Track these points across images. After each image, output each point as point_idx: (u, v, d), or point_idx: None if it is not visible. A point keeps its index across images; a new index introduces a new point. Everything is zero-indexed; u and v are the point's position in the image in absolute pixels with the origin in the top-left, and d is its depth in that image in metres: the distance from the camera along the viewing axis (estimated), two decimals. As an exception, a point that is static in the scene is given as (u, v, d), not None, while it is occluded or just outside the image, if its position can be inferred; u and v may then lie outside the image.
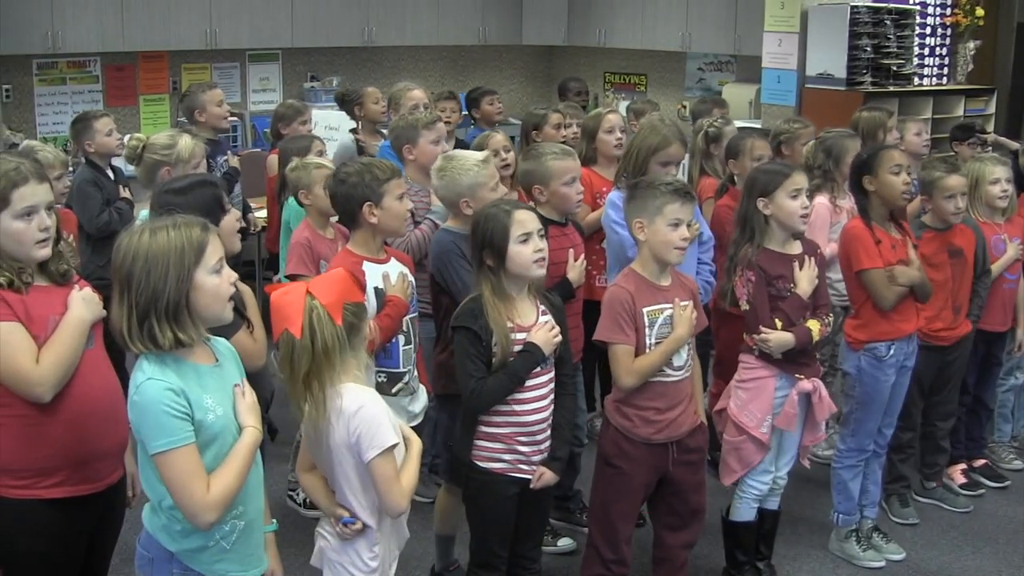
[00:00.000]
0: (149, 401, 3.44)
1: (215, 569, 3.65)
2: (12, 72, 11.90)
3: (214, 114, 8.46)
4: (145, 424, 3.46)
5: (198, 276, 3.52)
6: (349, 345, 3.84)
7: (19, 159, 4.13)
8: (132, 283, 3.47)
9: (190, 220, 3.62)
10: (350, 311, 3.84)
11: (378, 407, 3.83)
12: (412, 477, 3.93)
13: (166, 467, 3.46)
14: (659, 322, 4.98)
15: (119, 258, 3.53)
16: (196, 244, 3.53)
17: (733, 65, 13.89)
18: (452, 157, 5.72)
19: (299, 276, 5.70)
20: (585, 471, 6.22)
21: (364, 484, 3.89)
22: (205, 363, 3.65)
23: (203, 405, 3.51)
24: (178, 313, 3.49)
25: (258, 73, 13.91)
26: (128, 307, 3.49)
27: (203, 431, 3.50)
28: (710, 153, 7.39)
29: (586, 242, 6.28)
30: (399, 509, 3.91)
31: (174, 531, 3.61)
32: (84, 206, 7.28)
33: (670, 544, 5.33)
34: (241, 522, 3.67)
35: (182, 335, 3.50)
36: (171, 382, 3.46)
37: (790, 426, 5.47)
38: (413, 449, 4.00)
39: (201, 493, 3.46)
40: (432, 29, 14.39)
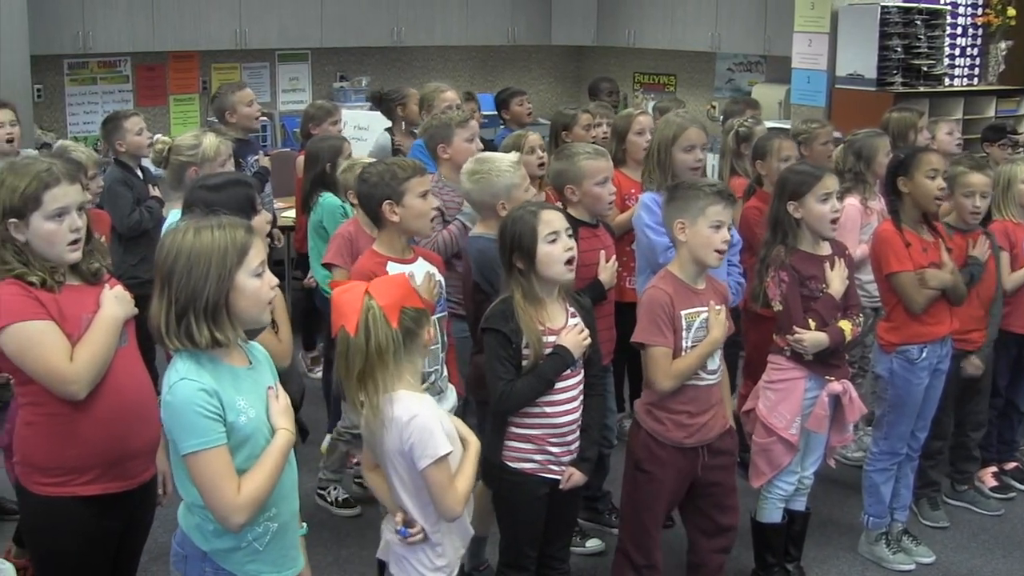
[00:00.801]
0: (182, 401, 3.44)
1: (247, 570, 3.65)
2: (43, 72, 11.93)
3: (244, 114, 8.47)
4: (177, 424, 3.46)
5: (239, 278, 3.52)
6: (405, 350, 3.84)
7: (51, 160, 4.16)
8: (173, 280, 3.48)
9: (234, 221, 3.63)
10: (409, 316, 3.83)
11: (431, 415, 3.83)
12: (468, 479, 3.93)
13: (197, 468, 3.46)
14: (695, 325, 4.97)
15: (162, 254, 3.54)
16: (239, 245, 3.54)
17: (763, 65, 13.86)
18: (485, 160, 5.70)
19: (335, 265, 5.73)
20: (614, 472, 6.21)
21: (418, 488, 3.89)
22: (239, 365, 3.65)
23: (236, 407, 3.51)
24: (217, 313, 3.50)
25: (287, 73, 13.94)
26: (167, 303, 3.49)
27: (235, 433, 3.50)
28: (740, 153, 7.37)
29: (616, 244, 6.27)
30: (454, 514, 3.90)
31: (207, 531, 3.61)
32: (115, 206, 7.30)
33: (705, 549, 5.31)
34: (274, 524, 3.67)
35: (219, 335, 3.50)
36: (204, 383, 3.46)
37: (820, 428, 5.45)
38: (471, 450, 3.99)
39: (231, 495, 3.46)
40: (461, 29, 14.40)
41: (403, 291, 3.84)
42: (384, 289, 3.82)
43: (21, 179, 3.97)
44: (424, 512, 3.94)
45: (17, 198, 3.95)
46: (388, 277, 3.91)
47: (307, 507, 6.55)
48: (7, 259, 3.97)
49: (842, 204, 6.60)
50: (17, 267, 3.96)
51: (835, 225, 5.46)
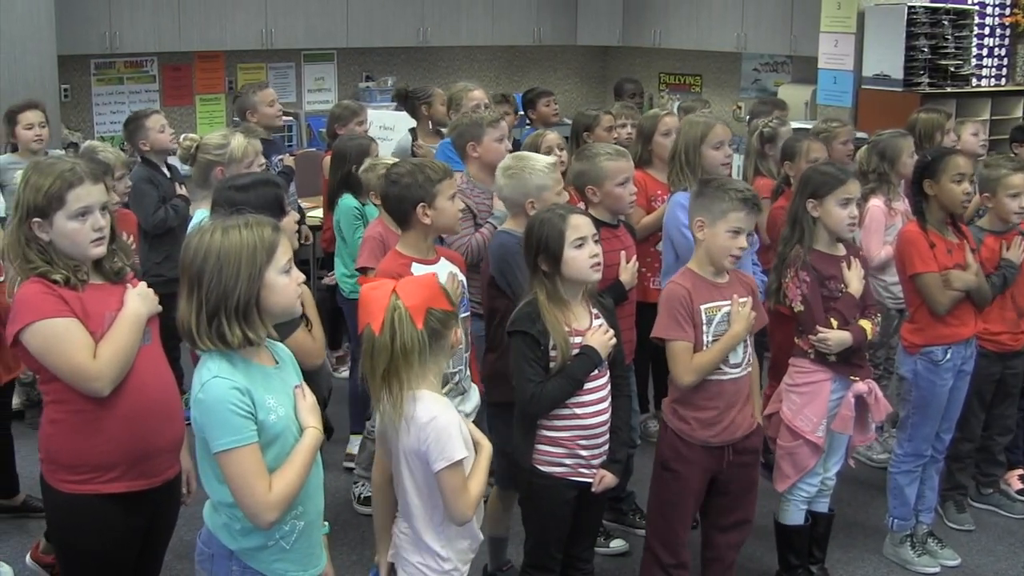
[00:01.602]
0: (214, 399, 3.46)
1: (274, 568, 3.66)
2: (70, 72, 11.98)
3: (266, 114, 8.51)
4: (209, 422, 3.48)
5: (269, 276, 3.54)
6: (430, 350, 3.83)
7: (75, 160, 4.19)
8: (203, 281, 3.49)
9: (261, 220, 3.64)
10: (435, 317, 3.82)
11: (450, 419, 3.82)
12: (480, 483, 3.92)
13: (229, 466, 3.47)
14: (716, 319, 4.96)
15: (189, 255, 3.54)
16: (268, 244, 3.55)
17: (789, 66, 13.81)
18: (522, 157, 5.69)
19: (369, 269, 5.72)
20: (637, 472, 6.21)
21: (430, 490, 3.88)
22: (267, 364, 3.67)
23: (266, 405, 3.53)
24: (248, 312, 3.51)
25: (313, 73, 13.95)
26: (197, 304, 3.50)
27: (265, 431, 3.52)
28: (764, 153, 7.36)
29: (640, 244, 6.27)
30: (464, 519, 3.89)
31: (234, 529, 3.62)
32: (140, 204, 7.33)
33: (721, 544, 5.31)
34: (301, 522, 3.69)
35: (251, 334, 3.52)
36: (237, 381, 3.48)
37: (847, 429, 5.43)
38: (483, 454, 3.98)
39: (263, 492, 3.47)
40: (487, 29, 14.39)
41: (430, 292, 3.84)
42: (411, 289, 3.82)
43: (45, 179, 4.00)
44: (432, 513, 3.94)
45: (41, 197, 3.98)
46: (417, 277, 3.91)
47: (333, 506, 6.57)
48: (31, 258, 4.00)
49: (866, 205, 6.63)
50: (41, 265, 3.99)
51: (851, 230, 5.44)
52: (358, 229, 6.89)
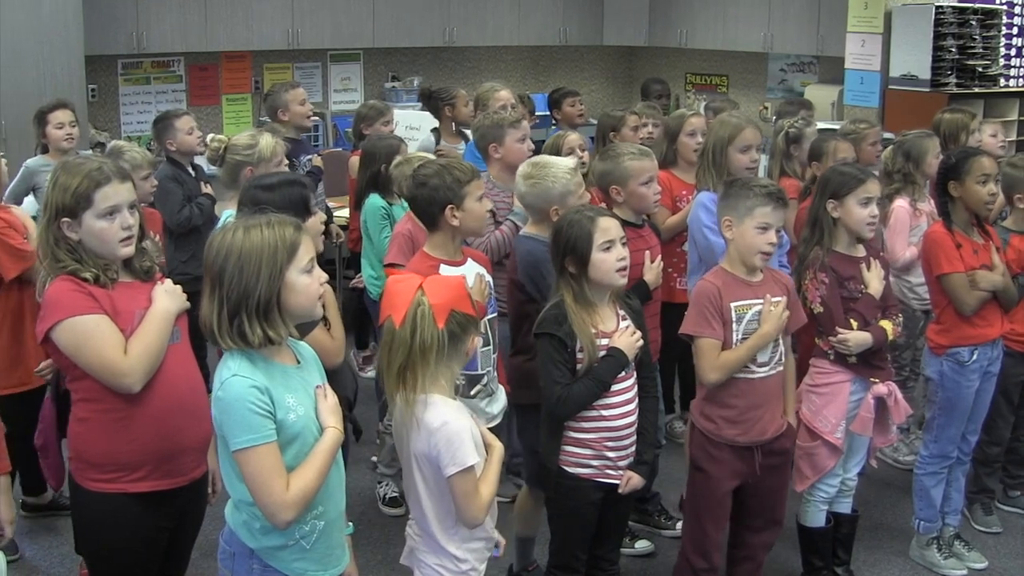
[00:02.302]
0: (234, 398, 3.47)
1: (294, 568, 3.66)
2: (98, 72, 12.03)
3: (297, 113, 8.51)
4: (228, 420, 3.48)
5: (290, 275, 3.54)
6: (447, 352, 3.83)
7: (102, 159, 4.20)
8: (224, 279, 3.50)
9: (283, 219, 3.64)
10: (456, 320, 3.81)
11: (462, 424, 3.81)
12: (492, 486, 3.90)
13: (247, 464, 3.48)
14: (747, 318, 4.95)
15: (211, 254, 3.55)
16: (289, 243, 3.55)
17: (815, 66, 13.78)
18: (542, 164, 5.66)
19: (397, 265, 5.72)
20: (663, 473, 6.20)
21: (441, 492, 3.87)
22: (288, 363, 3.67)
23: (285, 404, 3.53)
24: (269, 311, 3.51)
25: (339, 73, 13.97)
26: (219, 303, 3.51)
27: (284, 430, 3.52)
28: (790, 154, 7.33)
29: (666, 244, 6.27)
30: (476, 522, 3.89)
31: (254, 528, 3.62)
32: (165, 202, 7.35)
33: (751, 544, 5.31)
34: (321, 522, 3.68)
35: (272, 332, 3.52)
36: (256, 380, 3.48)
37: (866, 431, 5.41)
38: (494, 456, 3.96)
39: (280, 491, 3.47)
40: (513, 29, 14.39)
41: (456, 294, 3.83)
42: (437, 288, 3.81)
43: (73, 178, 4.02)
44: (444, 516, 3.93)
45: (69, 197, 4.00)
46: (445, 277, 3.91)
47: (360, 505, 6.59)
48: (61, 257, 4.01)
49: (891, 206, 6.60)
50: (71, 264, 4.00)
51: (871, 229, 5.42)
52: (384, 229, 6.89)
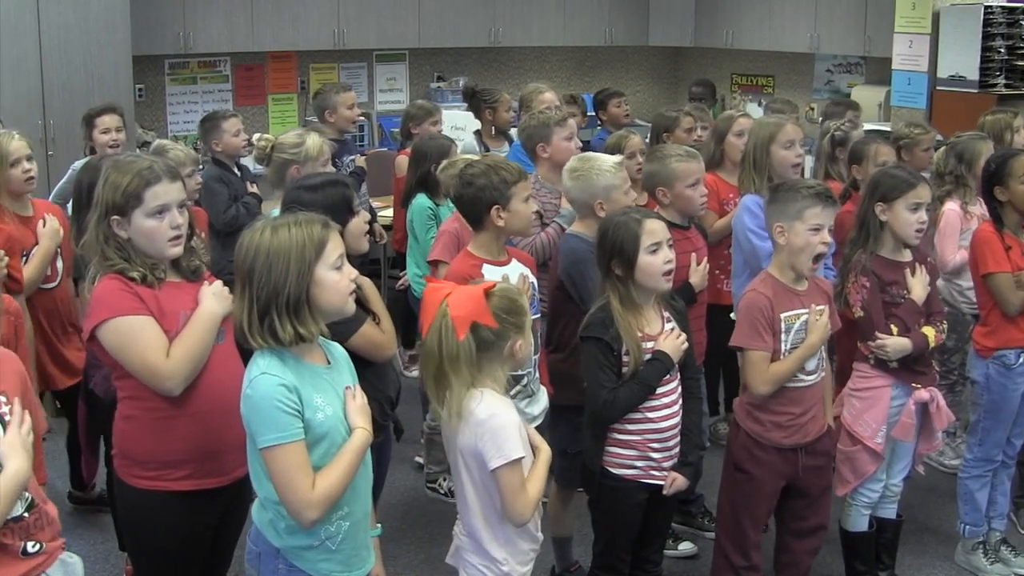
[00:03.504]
0: (262, 396, 3.50)
1: (320, 568, 3.69)
2: (145, 72, 12.09)
3: (344, 116, 8.55)
4: (256, 418, 3.52)
5: (318, 271, 3.57)
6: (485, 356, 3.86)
7: (152, 158, 4.23)
8: (253, 278, 3.54)
9: (311, 217, 3.67)
10: (481, 332, 3.83)
11: (509, 418, 3.84)
12: (539, 486, 3.92)
13: (273, 462, 3.51)
14: (795, 327, 4.94)
15: (241, 254, 3.60)
16: (316, 240, 3.59)
17: (862, 67, 13.69)
18: (587, 159, 5.68)
19: (442, 262, 5.74)
20: (707, 475, 6.18)
21: (487, 489, 3.89)
22: (319, 363, 3.70)
23: (313, 404, 3.56)
24: (299, 308, 3.55)
25: (385, 73, 14.00)
26: (249, 302, 3.56)
27: (312, 430, 3.55)
28: (835, 157, 7.28)
29: (713, 246, 6.25)
30: (522, 519, 3.90)
31: (280, 527, 3.66)
32: (211, 202, 7.40)
33: (797, 550, 5.28)
34: (346, 523, 3.70)
35: (302, 330, 3.56)
36: (285, 378, 3.52)
37: (907, 436, 5.38)
38: (541, 457, 3.98)
39: (306, 490, 3.50)
40: (558, 30, 14.36)
41: (476, 307, 3.83)
42: (460, 300, 3.83)
43: (123, 177, 4.04)
44: (489, 513, 3.95)
45: (119, 195, 4.02)
46: (467, 289, 3.90)
47: (403, 504, 6.60)
48: (109, 255, 4.04)
49: (942, 208, 6.54)
50: (119, 263, 4.03)
51: (918, 236, 5.37)
52: (431, 229, 6.89)
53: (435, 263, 5.87)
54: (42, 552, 3.41)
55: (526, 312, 3.93)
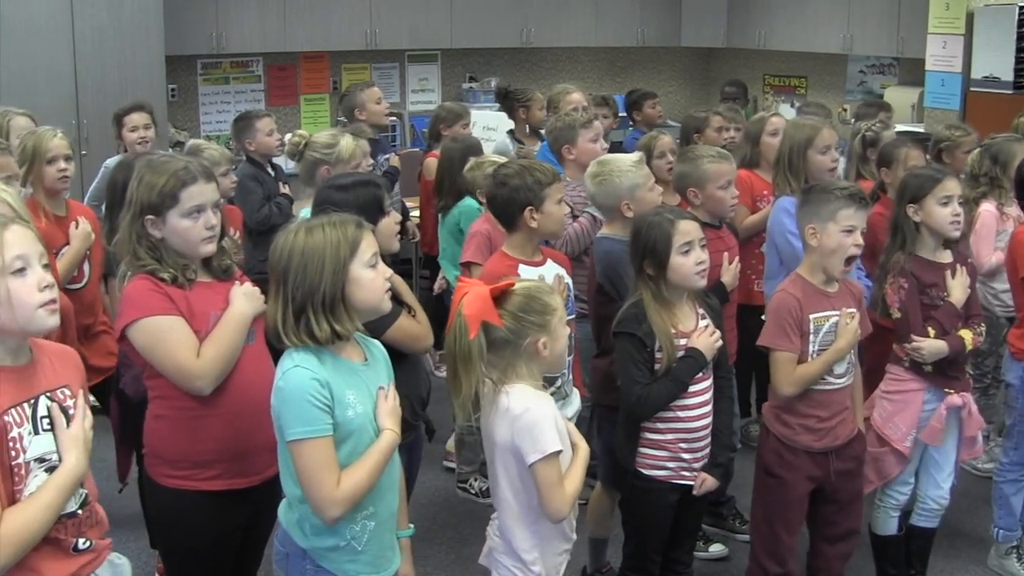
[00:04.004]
0: (294, 388, 3.52)
1: (346, 569, 3.70)
2: (178, 72, 12.15)
3: (374, 111, 8.54)
4: (286, 410, 3.54)
5: (353, 270, 3.60)
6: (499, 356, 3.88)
7: (188, 159, 4.25)
8: (288, 279, 3.57)
9: (345, 218, 3.70)
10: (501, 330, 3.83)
11: (544, 412, 3.84)
12: (577, 482, 3.92)
13: (300, 455, 3.53)
14: (824, 329, 4.92)
15: (276, 255, 3.63)
16: (351, 239, 3.61)
17: (896, 68, 13.63)
18: (605, 162, 5.69)
19: (474, 264, 5.74)
20: (738, 476, 6.17)
21: (525, 485, 3.88)
22: (355, 360, 3.71)
23: (344, 400, 3.57)
24: (335, 306, 3.57)
25: (417, 73, 14.01)
26: (284, 302, 3.58)
27: (341, 427, 3.56)
28: (867, 157, 7.25)
29: (745, 245, 6.24)
30: (560, 515, 3.89)
31: (306, 528, 3.68)
32: (245, 201, 7.42)
33: (829, 555, 5.25)
34: (371, 523, 3.71)
35: (339, 327, 3.58)
36: (318, 372, 3.53)
37: (935, 441, 5.35)
38: (580, 455, 3.98)
39: (330, 487, 3.52)
40: (590, 30, 14.35)
41: (483, 306, 3.83)
42: (471, 299, 3.84)
43: (159, 176, 4.05)
44: (526, 511, 3.94)
45: (155, 195, 4.03)
46: (478, 288, 3.91)
47: (434, 505, 6.60)
48: (141, 255, 4.06)
49: (977, 210, 6.50)
50: (150, 263, 4.04)
51: (956, 228, 5.34)
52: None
53: (467, 265, 5.87)
54: (92, 550, 3.42)
55: (551, 311, 3.90)
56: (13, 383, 3.24)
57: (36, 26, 10.21)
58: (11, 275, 3.19)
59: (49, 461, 3.26)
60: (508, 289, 3.92)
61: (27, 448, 3.20)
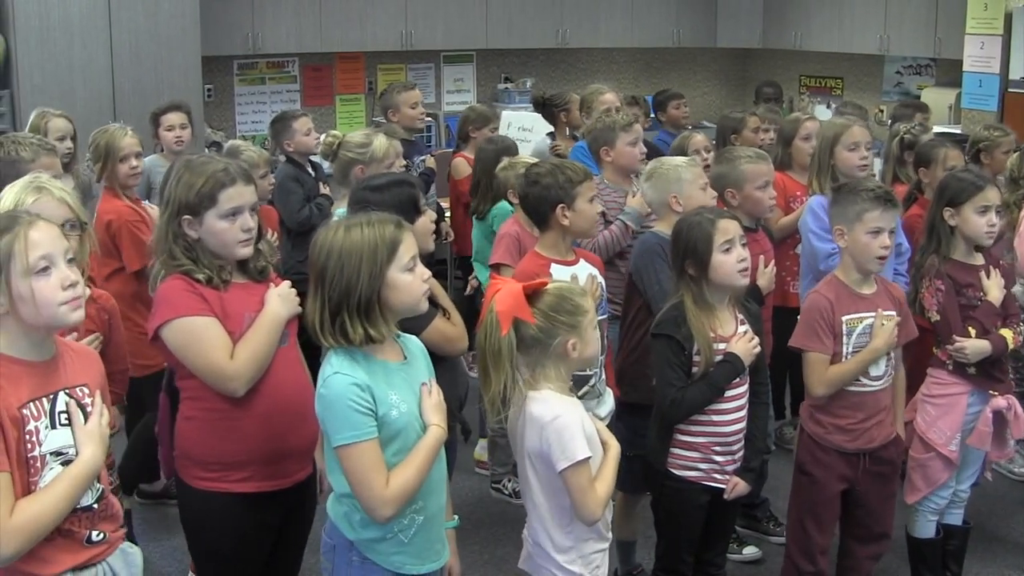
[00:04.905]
0: (335, 395, 3.53)
1: (392, 561, 3.71)
2: (214, 72, 12.19)
3: (407, 115, 8.55)
4: (330, 417, 3.56)
5: (391, 273, 3.59)
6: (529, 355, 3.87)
7: (227, 160, 4.26)
8: (326, 278, 3.57)
9: (385, 218, 3.69)
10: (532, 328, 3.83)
11: (572, 418, 3.83)
12: (608, 483, 3.92)
13: (348, 460, 3.54)
14: (858, 331, 4.90)
15: (315, 253, 3.64)
16: (389, 241, 3.60)
17: (932, 68, 13.56)
18: (660, 161, 5.75)
19: (503, 266, 5.75)
20: (772, 479, 6.15)
21: (555, 490, 3.89)
22: (393, 360, 3.71)
23: (388, 401, 3.58)
24: (370, 310, 3.57)
25: (452, 74, 14.02)
26: (322, 301, 3.59)
27: (386, 427, 3.57)
28: (904, 160, 7.23)
29: (779, 247, 6.22)
30: (593, 518, 3.89)
31: (354, 520, 3.69)
32: (286, 201, 7.44)
33: (858, 555, 5.24)
34: (420, 517, 3.72)
35: (373, 331, 3.58)
36: (357, 377, 3.54)
37: (983, 444, 5.33)
38: (611, 454, 3.99)
39: (380, 487, 3.53)
40: (626, 31, 14.32)
41: (515, 302, 3.82)
42: (503, 296, 3.84)
43: (198, 177, 4.07)
44: (559, 514, 3.94)
45: (193, 196, 4.05)
46: (511, 285, 3.91)
47: (467, 505, 6.61)
48: (176, 255, 4.07)
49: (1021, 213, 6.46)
50: (185, 263, 4.06)
51: (990, 237, 5.32)
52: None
53: (497, 267, 5.87)
54: (105, 541, 3.46)
55: (583, 312, 3.90)
56: (33, 377, 3.30)
57: (73, 27, 10.26)
58: (35, 275, 3.24)
59: (66, 455, 3.31)
60: (541, 288, 3.93)
61: (43, 441, 3.26)
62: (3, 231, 3.25)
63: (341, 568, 3.75)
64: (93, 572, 3.43)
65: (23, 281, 3.22)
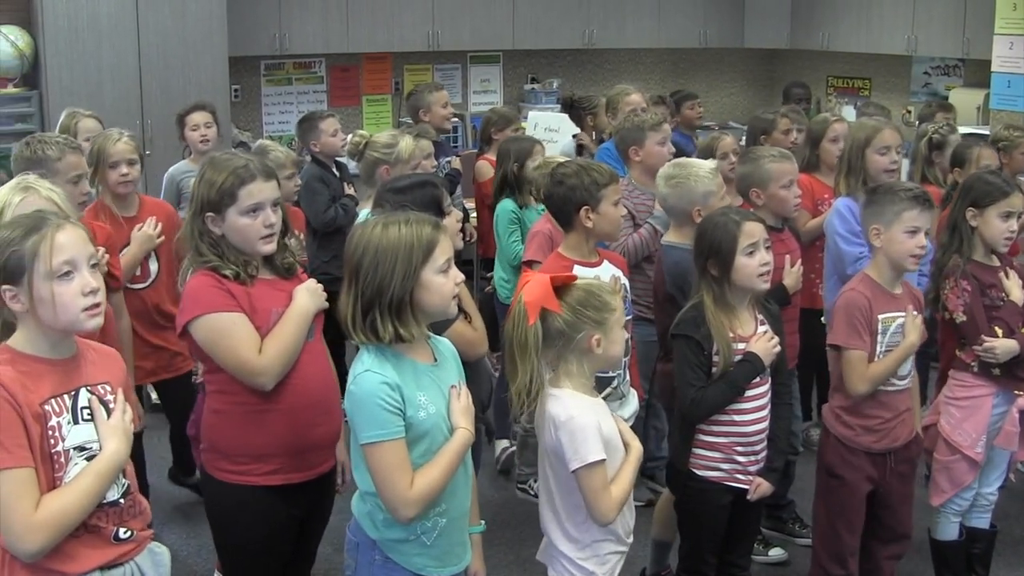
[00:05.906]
0: (365, 393, 3.53)
1: (414, 562, 3.72)
2: (241, 73, 12.22)
3: (438, 115, 8.58)
4: (359, 414, 3.56)
5: (425, 274, 3.59)
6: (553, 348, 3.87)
7: (248, 157, 4.28)
8: (360, 274, 3.58)
9: (422, 218, 3.69)
10: (558, 320, 3.83)
11: (587, 419, 3.83)
12: (625, 485, 3.92)
13: (374, 458, 3.55)
14: (891, 330, 4.90)
15: (351, 248, 3.64)
16: (425, 242, 3.60)
17: (961, 69, 13.51)
18: (683, 165, 5.69)
19: (535, 263, 5.75)
20: (799, 480, 6.13)
21: (570, 489, 3.90)
22: (424, 361, 3.71)
23: (416, 402, 3.58)
24: (401, 309, 3.57)
25: (479, 74, 14.02)
26: (354, 297, 3.59)
27: (413, 428, 3.57)
28: (932, 160, 7.20)
29: (807, 249, 6.20)
30: (605, 520, 3.89)
31: (377, 519, 3.70)
32: (311, 202, 7.45)
33: (880, 556, 5.23)
34: (443, 519, 3.72)
35: (403, 331, 3.58)
36: (388, 376, 3.54)
37: (1011, 445, 5.30)
38: (631, 455, 3.98)
39: (404, 488, 3.53)
40: (652, 32, 14.29)
41: (543, 292, 3.83)
42: (532, 286, 3.84)
43: (219, 174, 4.10)
44: (573, 511, 3.95)
45: (214, 192, 4.08)
46: (539, 277, 3.91)
47: (492, 506, 6.61)
48: (203, 251, 4.10)
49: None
50: (212, 259, 4.09)
51: (1007, 244, 5.31)
52: (513, 233, 6.92)
53: (529, 264, 5.86)
54: (132, 539, 3.46)
55: (610, 309, 3.89)
56: (54, 374, 3.32)
57: (101, 28, 10.31)
58: (57, 279, 3.26)
59: (89, 450, 3.33)
60: (570, 281, 3.93)
61: (66, 436, 3.28)
62: (31, 231, 3.27)
63: (363, 566, 3.75)
64: (121, 572, 3.43)
65: (45, 284, 3.24)
